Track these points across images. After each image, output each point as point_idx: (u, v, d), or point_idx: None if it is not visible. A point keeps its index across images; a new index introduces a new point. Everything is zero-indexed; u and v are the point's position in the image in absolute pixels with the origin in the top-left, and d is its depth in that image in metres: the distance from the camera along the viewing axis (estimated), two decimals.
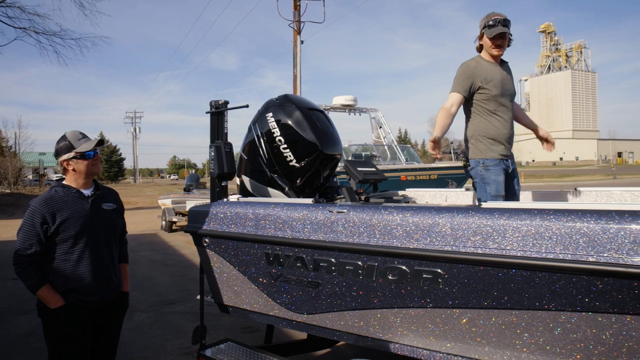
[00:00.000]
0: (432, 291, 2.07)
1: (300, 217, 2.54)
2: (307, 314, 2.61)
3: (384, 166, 9.71)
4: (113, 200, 2.77)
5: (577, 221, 1.75)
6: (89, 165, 2.61)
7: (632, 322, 1.67)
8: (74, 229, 2.50)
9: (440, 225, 2.03)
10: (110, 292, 2.65)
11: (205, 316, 3.32)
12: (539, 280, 1.81)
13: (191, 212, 3.15)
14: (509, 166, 3.29)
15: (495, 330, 1.97)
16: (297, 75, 14.74)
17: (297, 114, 3.55)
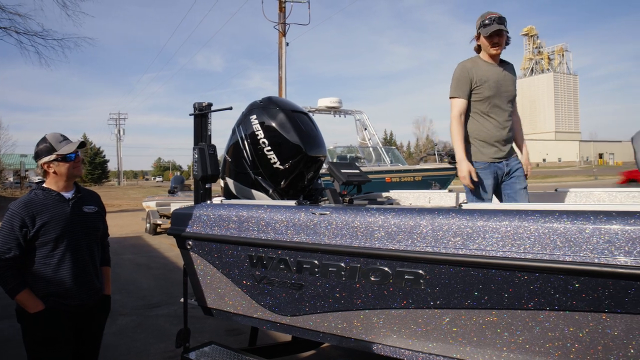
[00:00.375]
0: (413, 292, 2.09)
1: (284, 219, 2.54)
2: (291, 315, 2.61)
3: (368, 168, 9.75)
4: (94, 203, 2.74)
5: (554, 222, 1.78)
6: (70, 167, 2.58)
7: (608, 320, 1.71)
8: (54, 233, 2.46)
9: (422, 227, 2.05)
10: (91, 296, 2.61)
11: (189, 319, 3.31)
12: (517, 280, 1.84)
13: (174, 214, 3.14)
14: (502, 169, 3.22)
15: (476, 330, 2.00)
16: (283, 77, 14.73)
17: (280, 116, 3.56)
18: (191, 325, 4.38)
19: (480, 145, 3.23)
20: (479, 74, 3.17)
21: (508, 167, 3.24)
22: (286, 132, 3.51)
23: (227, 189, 3.91)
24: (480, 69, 3.19)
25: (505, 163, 3.23)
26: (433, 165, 10.49)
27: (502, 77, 3.21)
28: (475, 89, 3.18)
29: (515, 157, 3.28)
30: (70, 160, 2.57)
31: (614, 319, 1.70)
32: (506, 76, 3.24)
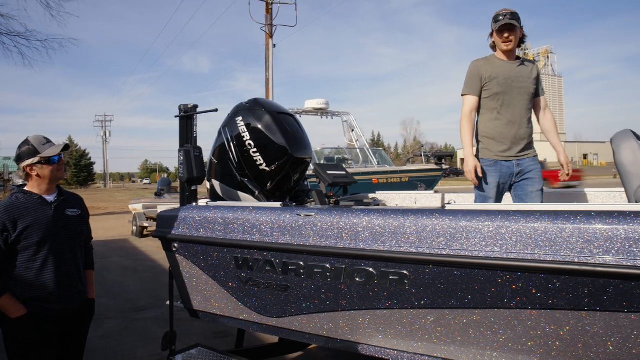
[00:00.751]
0: (398, 292, 2.11)
1: (269, 221, 2.55)
2: (277, 317, 2.62)
3: (356, 169, 9.78)
4: (77, 206, 2.69)
5: (535, 222, 1.81)
6: (53, 170, 2.53)
7: (588, 318, 1.73)
8: (36, 237, 2.42)
9: (406, 228, 2.07)
10: (75, 300, 2.58)
11: (176, 322, 3.29)
12: (500, 280, 1.86)
13: (160, 217, 3.13)
14: (511, 168, 3.14)
15: (460, 330, 2.02)
16: (270, 78, 14.73)
17: (266, 118, 3.56)
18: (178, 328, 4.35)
19: (487, 142, 3.19)
20: (489, 71, 3.15)
21: (519, 167, 3.14)
22: (272, 133, 3.51)
23: (213, 191, 3.90)
24: (492, 65, 3.18)
25: (516, 162, 3.14)
26: (420, 167, 10.57)
27: (515, 73, 3.16)
28: (484, 85, 3.17)
29: (531, 157, 3.18)
30: (53, 163, 2.53)
31: (594, 317, 1.73)
32: (521, 72, 3.18)
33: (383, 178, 9.28)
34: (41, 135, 2.60)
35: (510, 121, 3.14)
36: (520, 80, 3.15)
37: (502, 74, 3.13)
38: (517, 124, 3.14)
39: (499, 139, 3.14)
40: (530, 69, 3.23)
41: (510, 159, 3.14)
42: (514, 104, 3.14)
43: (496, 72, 3.13)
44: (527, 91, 3.17)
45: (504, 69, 3.15)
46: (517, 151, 3.14)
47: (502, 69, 3.15)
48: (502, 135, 3.14)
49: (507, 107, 3.14)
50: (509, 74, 3.13)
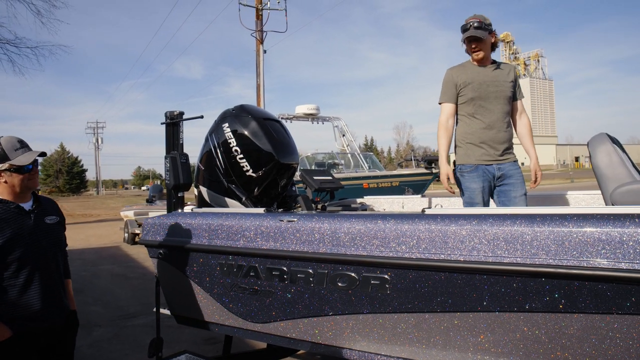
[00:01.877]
0: (380, 297, 2.12)
1: (252, 227, 2.56)
2: (262, 322, 2.63)
3: (347, 174, 9.82)
4: (54, 212, 2.48)
5: (510, 225, 1.83)
6: (24, 179, 2.27)
7: (564, 320, 1.76)
8: (18, 251, 2.19)
9: (386, 232, 2.09)
10: (62, 316, 2.39)
11: (165, 329, 3.30)
12: (479, 283, 1.89)
13: (146, 223, 3.14)
14: (492, 172, 3.14)
15: (441, 333, 2.03)
16: (260, 84, 14.75)
17: (253, 124, 3.58)
18: (167, 334, 4.33)
19: (467, 147, 3.20)
20: (462, 77, 3.18)
21: (500, 171, 3.15)
22: (258, 139, 3.53)
23: (200, 198, 3.91)
24: (466, 72, 3.20)
25: (497, 167, 3.15)
26: (410, 171, 10.62)
27: (490, 78, 3.17)
28: (460, 91, 3.19)
29: (511, 162, 3.19)
30: (25, 172, 2.27)
31: (570, 319, 1.75)
32: (497, 76, 3.19)
33: (374, 183, 9.33)
34: (15, 138, 2.33)
35: (487, 125, 3.15)
36: (496, 84, 3.17)
37: (477, 79, 3.16)
38: (494, 128, 3.15)
39: (477, 143, 3.16)
40: (506, 72, 3.24)
41: (491, 162, 3.14)
42: (491, 108, 3.16)
43: (470, 78, 3.16)
44: (504, 94, 3.19)
45: (479, 74, 3.17)
46: (496, 155, 3.15)
47: (476, 74, 3.17)
48: (480, 140, 3.15)
49: (483, 112, 3.16)
50: (483, 79, 3.16)
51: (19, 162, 2.24)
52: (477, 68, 3.20)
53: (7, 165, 2.22)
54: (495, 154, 3.15)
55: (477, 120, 3.17)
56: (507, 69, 3.27)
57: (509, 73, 3.26)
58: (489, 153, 3.15)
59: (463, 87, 3.17)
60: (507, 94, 3.20)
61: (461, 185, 3.18)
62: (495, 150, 3.15)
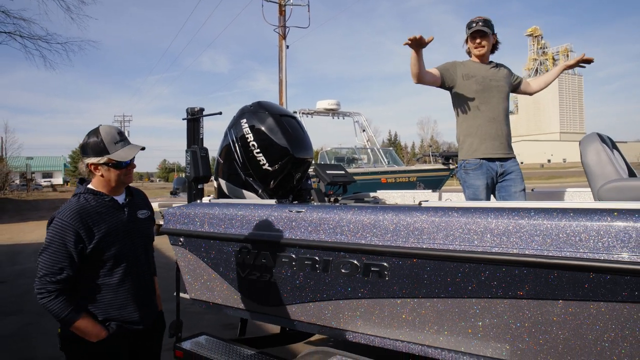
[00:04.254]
0: (379, 283, 2.28)
1: (264, 217, 2.75)
2: (273, 306, 2.81)
3: (365, 169, 9.96)
4: (145, 205, 2.37)
5: (500, 218, 1.97)
6: (121, 175, 2.16)
7: (546, 306, 1.88)
8: (114, 247, 2.08)
9: (386, 223, 2.25)
10: (152, 315, 2.32)
11: (187, 314, 3.50)
12: (470, 271, 2.03)
13: (167, 213, 3.35)
14: (495, 169, 3.22)
15: (435, 317, 2.18)
16: (283, 79, 14.97)
17: (269, 120, 3.76)
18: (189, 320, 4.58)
19: (471, 141, 3.28)
20: (466, 70, 3.29)
21: (503, 168, 3.25)
22: (274, 135, 3.71)
23: (220, 190, 4.11)
24: (467, 67, 3.32)
25: (500, 164, 3.24)
26: (427, 167, 10.69)
27: (492, 74, 3.30)
28: (462, 83, 3.27)
29: (513, 159, 3.30)
30: (123, 167, 2.16)
31: (554, 306, 1.88)
32: (497, 73, 3.32)
33: (391, 177, 9.44)
34: (115, 129, 2.18)
35: (491, 118, 3.25)
36: (497, 80, 3.30)
37: (479, 73, 3.28)
38: (497, 120, 3.26)
39: (481, 136, 3.24)
40: (504, 70, 3.38)
41: (495, 159, 3.24)
42: (493, 101, 3.26)
43: (474, 72, 3.28)
44: (503, 90, 3.31)
45: (480, 70, 3.30)
46: (500, 149, 3.25)
47: (478, 69, 3.30)
48: (484, 133, 3.24)
49: (486, 105, 3.26)
50: (485, 74, 3.28)
51: (119, 157, 2.12)
52: (479, 64, 3.33)
53: (105, 159, 2.10)
54: (501, 146, 3.24)
55: (482, 113, 3.25)
56: (503, 67, 3.41)
57: (506, 72, 3.39)
58: (495, 146, 3.23)
59: (467, 79, 3.26)
60: (506, 89, 3.33)
61: (465, 182, 3.28)
62: (500, 143, 3.24)
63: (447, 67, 3.31)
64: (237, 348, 3.14)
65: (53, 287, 1.98)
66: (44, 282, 1.99)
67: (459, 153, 3.39)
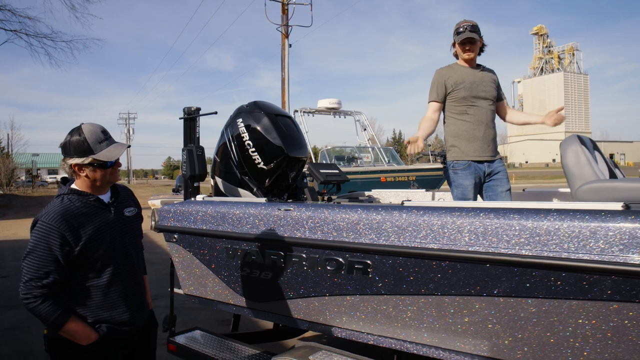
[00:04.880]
0: (363, 280, 2.35)
1: (254, 215, 2.82)
2: (263, 302, 2.89)
3: (365, 167, 10.02)
4: (132, 202, 2.30)
5: (475, 217, 2.02)
6: (106, 174, 2.09)
7: (522, 303, 1.94)
8: (102, 248, 2.01)
9: (370, 221, 2.31)
10: (143, 315, 2.26)
11: (183, 310, 3.57)
12: (447, 269, 2.08)
13: (162, 210, 3.43)
14: (483, 169, 3.33)
15: (416, 314, 2.24)
16: (285, 78, 15.04)
17: (264, 120, 3.82)
18: (185, 316, 4.65)
19: (459, 143, 3.37)
20: (453, 78, 3.37)
21: (490, 168, 3.35)
22: (269, 134, 3.77)
23: (216, 188, 4.18)
24: (456, 72, 3.40)
25: (487, 165, 3.35)
26: (426, 166, 10.72)
27: (479, 79, 3.38)
28: (451, 92, 3.38)
29: (499, 159, 3.40)
30: (108, 167, 2.08)
31: (527, 304, 1.93)
32: (484, 77, 3.40)
33: (391, 176, 9.49)
34: (99, 128, 2.08)
35: (478, 122, 3.35)
36: (484, 84, 3.38)
37: (467, 79, 3.35)
38: (484, 124, 3.35)
39: (470, 139, 3.34)
40: (490, 74, 3.45)
41: (483, 160, 3.34)
42: (480, 106, 3.36)
43: (461, 78, 3.36)
44: (491, 94, 3.40)
45: (468, 75, 3.37)
46: (487, 151, 3.35)
47: (466, 75, 3.37)
48: (472, 136, 3.34)
49: (474, 109, 3.36)
50: (473, 79, 3.36)
51: (104, 157, 2.04)
52: (466, 69, 3.41)
53: (90, 159, 2.02)
54: (488, 149, 3.35)
55: (470, 117, 3.36)
56: (490, 71, 3.48)
57: (493, 76, 3.46)
58: (483, 148, 3.33)
59: (455, 86, 3.36)
60: (493, 94, 3.41)
61: (454, 182, 3.36)
62: (487, 145, 3.35)
63: (439, 90, 3.43)
64: (229, 343, 3.21)
65: (39, 292, 1.91)
66: (29, 287, 1.92)
67: (447, 155, 3.46)
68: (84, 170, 2.03)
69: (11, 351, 4.75)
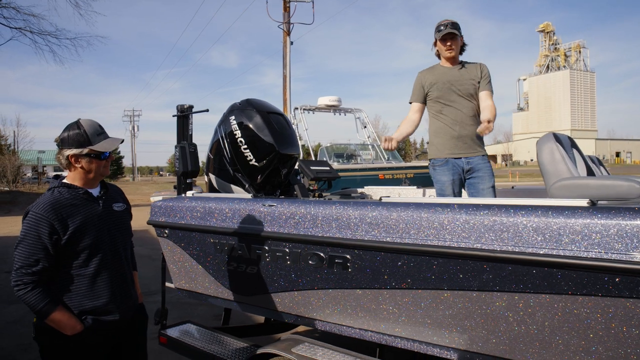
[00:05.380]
0: (343, 274, 2.41)
1: (240, 211, 2.88)
2: (250, 295, 2.95)
3: (363, 165, 10.06)
4: (121, 199, 2.41)
5: (453, 213, 2.07)
6: (100, 166, 2.21)
7: (492, 297, 2.00)
8: (88, 238, 2.10)
9: (350, 217, 2.37)
10: (130, 308, 2.33)
11: (180, 305, 3.63)
12: (421, 263, 2.14)
13: (153, 206, 3.50)
14: (461, 165, 3.39)
15: (394, 307, 2.30)
16: (287, 75, 15.09)
17: (256, 118, 3.88)
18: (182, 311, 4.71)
19: (436, 142, 3.48)
20: (429, 79, 3.46)
21: (469, 165, 3.39)
22: (261, 132, 3.83)
23: (210, 184, 4.25)
24: (434, 73, 3.47)
25: (466, 160, 3.39)
26: (424, 163, 10.74)
27: (456, 77, 3.43)
28: (428, 93, 3.48)
29: (480, 156, 3.42)
30: (103, 159, 2.22)
31: (497, 297, 1.98)
32: (462, 75, 3.44)
33: (389, 174, 9.52)
34: (96, 123, 2.23)
35: (453, 121, 3.41)
36: (460, 83, 3.42)
37: (442, 79, 3.42)
38: (460, 122, 3.40)
39: (445, 137, 3.42)
40: (472, 71, 3.46)
41: (460, 156, 3.40)
42: (455, 105, 3.41)
43: (437, 79, 3.43)
44: (467, 92, 3.42)
45: (445, 74, 3.44)
46: (465, 147, 3.40)
47: (443, 74, 3.44)
48: (448, 134, 3.42)
49: (449, 109, 3.43)
50: (448, 78, 3.42)
51: (102, 148, 2.17)
52: (445, 69, 3.48)
53: (87, 150, 2.14)
54: (464, 146, 3.40)
55: (444, 117, 3.44)
56: (473, 68, 3.49)
57: (476, 71, 3.47)
58: (458, 146, 3.40)
59: (430, 87, 3.45)
60: (470, 91, 3.43)
61: (433, 178, 3.48)
62: (464, 143, 3.40)
63: (417, 92, 3.56)
64: (219, 336, 3.28)
65: (29, 279, 2.01)
66: (20, 274, 2.01)
67: (428, 152, 3.54)
68: (80, 161, 2.15)
69: (13, 344, 4.86)
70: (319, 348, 2.54)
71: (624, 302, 1.69)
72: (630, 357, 1.73)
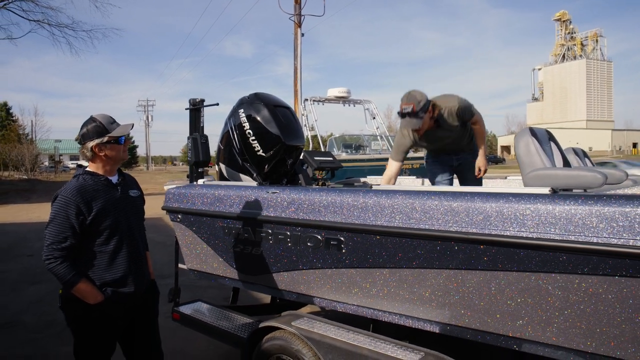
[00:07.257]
0: (338, 254, 2.66)
1: (246, 197, 3.15)
2: (255, 275, 3.22)
3: (371, 155, 10.30)
4: (136, 186, 2.72)
5: (437, 199, 2.30)
6: (120, 151, 2.51)
7: (468, 275, 2.23)
8: (109, 219, 2.40)
9: (344, 203, 2.62)
10: (144, 283, 2.63)
11: (192, 288, 3.90)
12: (410, 245, 2.38)
13: (167, 193, 3.78)
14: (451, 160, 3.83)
15: (383, 285, 2.54)
16: (298, 67, 15.29)
17: (264, 111, 4.13)
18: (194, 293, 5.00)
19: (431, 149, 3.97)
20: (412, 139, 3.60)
21: (459, 161, 3.80)
22: (268, 124, 4.08)
23: (221, 173, 4.52)
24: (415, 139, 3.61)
25: (455, 158, 3.80)
26: None
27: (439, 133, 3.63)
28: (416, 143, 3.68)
29: (468, 152, 3.77)
30: (121, 144, 2.50)
31: (472, 275, 2.22)
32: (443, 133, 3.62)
33: None
34: (107, 114, 2.53)
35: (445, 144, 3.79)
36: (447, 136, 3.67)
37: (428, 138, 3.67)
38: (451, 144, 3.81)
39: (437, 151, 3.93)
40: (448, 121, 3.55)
41: (450, 154, 3.86)
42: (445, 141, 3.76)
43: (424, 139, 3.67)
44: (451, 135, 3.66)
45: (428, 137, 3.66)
46: (454, 149, 3.85)
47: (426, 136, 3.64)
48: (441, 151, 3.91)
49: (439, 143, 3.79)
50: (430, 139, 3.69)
51: (118, 133, 2.46)
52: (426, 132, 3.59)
53: (107, 138, 2.43)
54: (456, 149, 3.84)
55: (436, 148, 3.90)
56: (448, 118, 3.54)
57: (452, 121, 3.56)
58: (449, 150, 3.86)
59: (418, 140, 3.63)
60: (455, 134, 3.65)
61: (427, 169, 3.89)
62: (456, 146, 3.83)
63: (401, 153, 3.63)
64: (228, 313, 3.57)
65: (59, 254, 2.30)
66: (51, 249, 2.31)
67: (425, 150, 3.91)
68: (103, 149, 2.44)
69: (37, 320, 5.23)
70: (316, 322, 2.81)
71: (577, 278, 1.92)
72: (582, 327, 1.96)
